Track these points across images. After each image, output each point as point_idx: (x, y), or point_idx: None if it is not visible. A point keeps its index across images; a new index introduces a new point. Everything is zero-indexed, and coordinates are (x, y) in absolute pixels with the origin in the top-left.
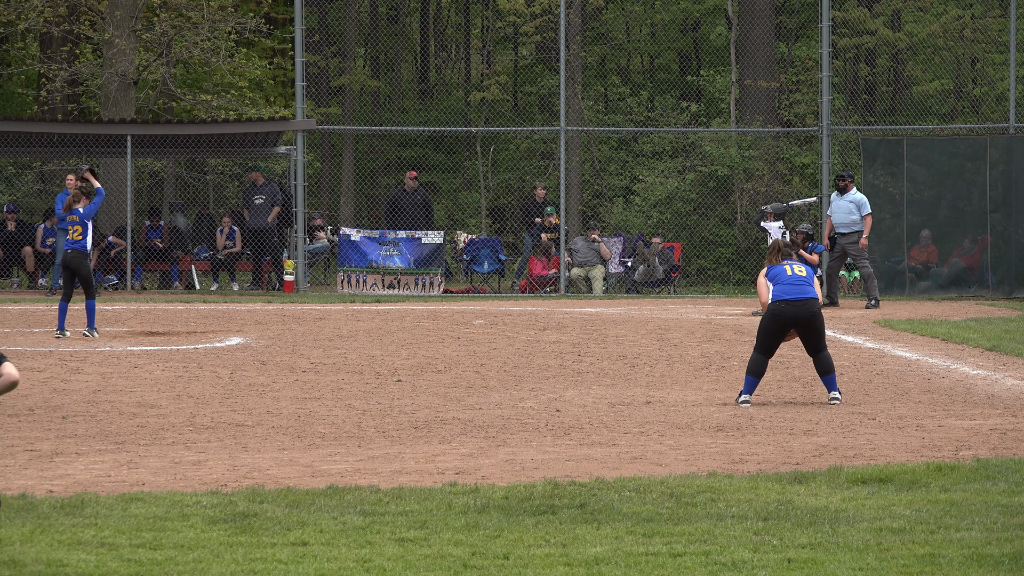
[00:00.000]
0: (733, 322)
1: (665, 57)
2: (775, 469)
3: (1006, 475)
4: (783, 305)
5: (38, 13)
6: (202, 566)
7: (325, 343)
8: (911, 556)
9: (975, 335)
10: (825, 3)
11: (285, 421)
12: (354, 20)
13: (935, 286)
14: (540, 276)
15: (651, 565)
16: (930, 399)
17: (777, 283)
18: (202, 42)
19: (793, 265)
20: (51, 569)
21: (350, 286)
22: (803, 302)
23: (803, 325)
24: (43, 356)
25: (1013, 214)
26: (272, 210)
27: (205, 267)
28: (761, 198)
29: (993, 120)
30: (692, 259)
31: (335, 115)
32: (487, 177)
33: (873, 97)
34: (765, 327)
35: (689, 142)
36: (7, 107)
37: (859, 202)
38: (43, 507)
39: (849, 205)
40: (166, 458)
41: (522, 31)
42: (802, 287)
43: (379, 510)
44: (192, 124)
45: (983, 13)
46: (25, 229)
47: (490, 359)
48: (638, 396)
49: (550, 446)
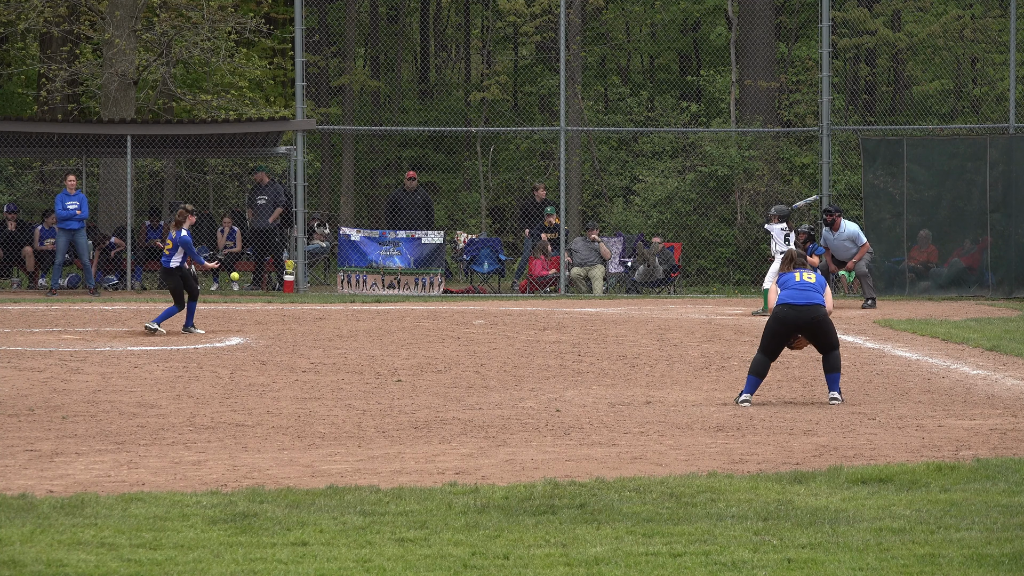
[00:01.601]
0: (733, 322)
1: (665, 57)
2: (775, 469)
3: (1006, 475)
4: (786, 309)
5: (38, 13)
6: (202, 566)
7: (325, 343)
8: (911, 556)
9: (975, 335)
10: (825, 3)
11: (285, 421)
12: (354, 20)
13: (935, 286)
14: (540, 276)
15: (651, 565)
16: (930, 399)
17: (784, 288)
18: (202, 42)
19: (803, 272)
20: (51, 569)
21: (350, 286)
22: (806, 307)
23: (807, 329)
24: (43, 356)
25: (1013, 214)
26: (275, 211)
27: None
28: (761, 198)
29: (993, 120)
30: (692, 259)
31: (335, 115)
32: (487, 177)
33: (873, 97)
34: (769, 329)
35: (689, 142)
36: (7, 107)
37: (854, 235)
38: (43, 507)
39: (845, 244)
40: (166, 458)
41: (522, 31)
42: (807, 293)
43: (379, 510)
44: (192, 124)
45: (983, 13)
46: (25, 229)
47: (490, 359)
48: (638, 396)
49: (550, 446)
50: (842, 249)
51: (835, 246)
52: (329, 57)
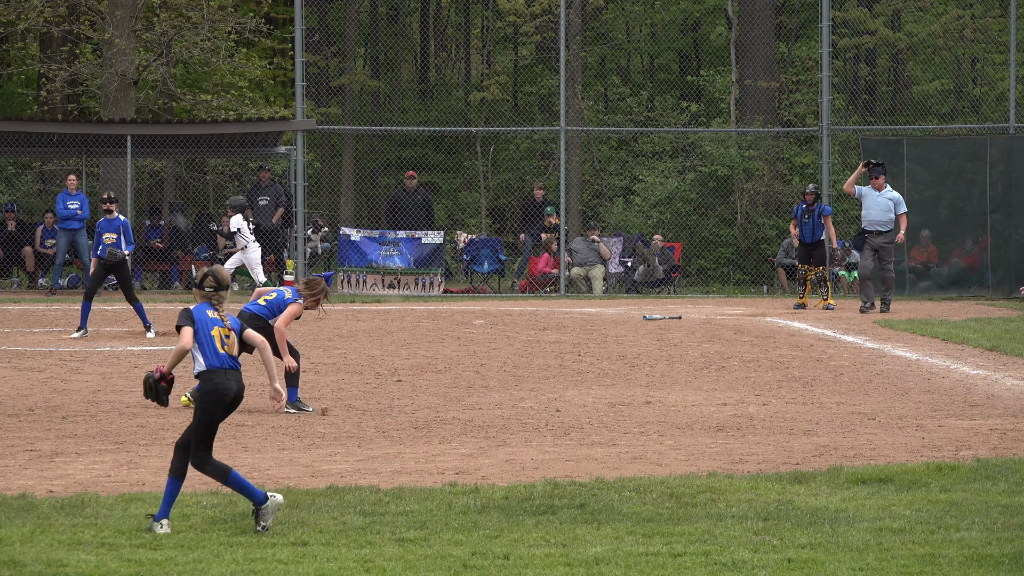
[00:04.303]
0: (733, 322)
1: (665, 57)
2: (775, 469)
3: (1006, 475)
4: None
5: (38, 13)
6: (202, 566)
7: (325, 343)
8: (911, 556)
9: (975, 335)
10: (825, 3)
11: (285, 421)
12: (354, 20)
13: (935, 286)
14: (543, 274)
15: (651, 565)
16: (930, 399)
17: None
18: (202, 42)
19: None
20: (51, 569)
21: (350, 286)
22: None
23: None
24: (43, 356)
25: (1013, 214)
26: (277, 211)
27: (205, 267)
28: (761, 198)
29: (993, 120)
30: (692, 259)
31: (335, 115)
32: (487, 177)
33: (873, 97)
34: None
35: (689, 142)
36: (7, 107)
37: (896, 200)
38: (43, 507)
39: (887, 203)
40: (166, 458)
41: (522, 31)
42: None
43: (379, 510)
44: (192, 124)
45: (983, 13)
46: (25, 229)
47: (490, 359)
48: (638, 396)
49: (550, 446)
50: (881, 208)
51: (874, 203)
52: (329, 57)
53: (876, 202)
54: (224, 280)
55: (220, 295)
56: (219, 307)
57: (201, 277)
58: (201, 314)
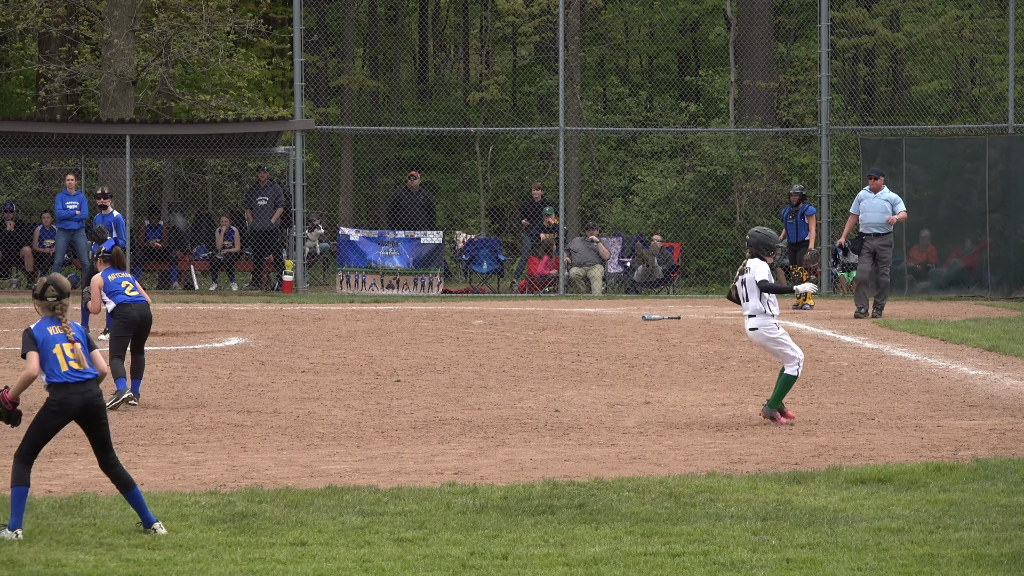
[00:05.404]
0: (732, 322)
1: (664, 57)
2: (774, 469)
3: (1005, 475)
4: None
5: (37, 13)
6: (201, 566)
7: (324, 343)
8: (910, 556)
9: (974, 335)
10: (824, 3)
11: (284, 421)
12: (353, 20)
13: (934, 286)
14: (541, 275)
15: (650, 565)
16: (929, 399)
17: None
18: (201, 42)
19: None
20: (49, 569)
21: (349, 286)
22: None
23: None
24: None
25: (1012, 214)
26: (276, 211)
27: (204, 267)
28: (760, 198)
29: (992, 120)
30: (691, 259)
31: (334, 115)
32: (486, 177)
33: (872, 97)
34: None
35: (688, 142)
36: (6, 107)
37: (894, 201)
38: (42, 507)
39: (883, 204)
40: (165, 458)
41: (521, 31)
42: None
43: (378, 510)
44: (191, 124)
45: (982, 13)
46: (24, 229)
47: (489, 359)
48: (637, 396)
49: (549, 446)
50: (879, 210)
51: (871, 205)
52: (328, 57)
53: (873, 204)
54: (65, 288)
55: (63, 303)
56: (62, 317)
57: (41, 288)
58: (42, 334)
